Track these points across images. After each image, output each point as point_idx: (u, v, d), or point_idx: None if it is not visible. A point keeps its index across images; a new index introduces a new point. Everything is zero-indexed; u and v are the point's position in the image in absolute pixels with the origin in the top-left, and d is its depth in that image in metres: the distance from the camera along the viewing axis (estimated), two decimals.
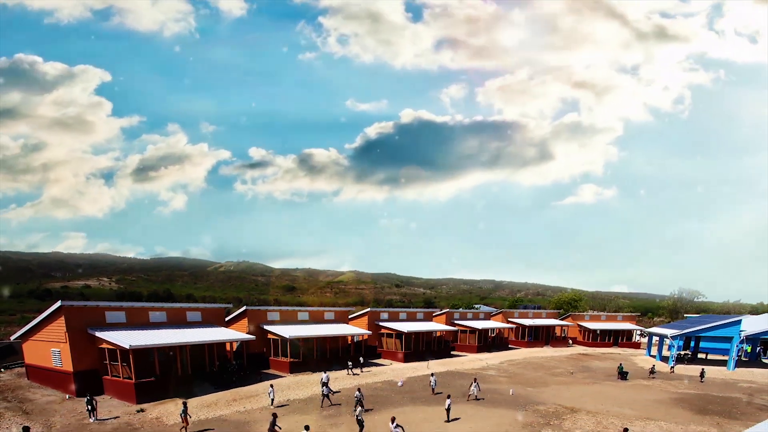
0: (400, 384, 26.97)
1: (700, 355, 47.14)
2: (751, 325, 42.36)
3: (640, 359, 45.85)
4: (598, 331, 58.82)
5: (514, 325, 55.51)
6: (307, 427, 15.05)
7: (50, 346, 24.02)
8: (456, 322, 49.30)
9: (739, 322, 39.67)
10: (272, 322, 33.73)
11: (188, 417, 18.15)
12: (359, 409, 18.37)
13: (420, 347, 40.98)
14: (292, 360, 31.45)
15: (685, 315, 66.99)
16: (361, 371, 32.84)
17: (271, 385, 23.66)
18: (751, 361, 43.54)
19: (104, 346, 23.08)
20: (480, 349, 47.53)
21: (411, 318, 45.33)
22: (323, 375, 24.58)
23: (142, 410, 20.70)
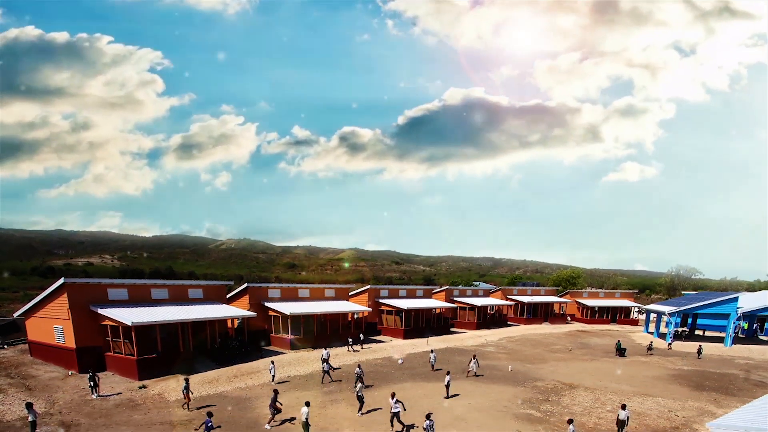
0: (400, 362, 27.21)
1: (698, 332, 47.62)
2: (748, 302, 42.61)
3: (638, 336, 46.28)
4: (596, 308, 59.29)
5: (512, 302, 55.90)
6: (307, 403, 15.10)
7: (53, 323, 24.11)
8: (455, 299, 49.60)
9: (736, 299, 39.83)
10: (273, 299, 33.86)
11: (190, 393, 18.28)
12: (359, 385, 18.46)
13: (420, 324, 41.29)
14: (293, 336, 31.67)
15: (682, 292, 67.42)
16: (362, 348, 33.13)
17: (272, 362, 23.84)
18: (747, 337, 43.91)
19: (106, 322, 23.13)
20: (479, 326, 47.97)
21: (411, 295, 45.56)
22: (324, 351, 24.75)
23: (144, 386, 20.84)
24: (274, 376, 22.83)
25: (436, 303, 44.69)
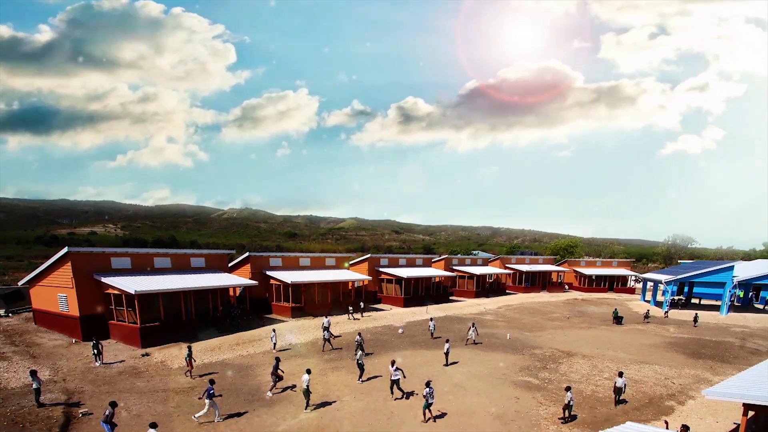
0: (400, 331, 27.49)
1: (694, 300, 48.11)
2: (744, 270, 42.89)
3: (635, 304, 46.77)
4: (594, 277, 59.78)
5: (511, 271, 56.28)
6: (308, 371, 15.24)
7: (57, 292, 24.25)
8: (454, 267, 49.87)
9: (731, 267, 40.00)
10: (274, 268, 33.97)
11: (193, 361, 18.51)
12: (360, 353, 18.62)
13: (419, 292, 41.66)
14: (294, 305, 31.96)
15: (678, 261, 67.82)
16: (362, 316, 33.50)
17: (274, 330, 24.06)
18: (743, 306, 44.40)
19: (110, 291, 23.24)
20: (478, 295, 48.47)
21: (410, 264, 45.75)
22: (324, 320, 24.97)
23: (147, 354, 21.10)
24: (275, 344, 23.10)
25: (435, 272, 44.93)
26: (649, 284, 49.61)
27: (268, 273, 32.81)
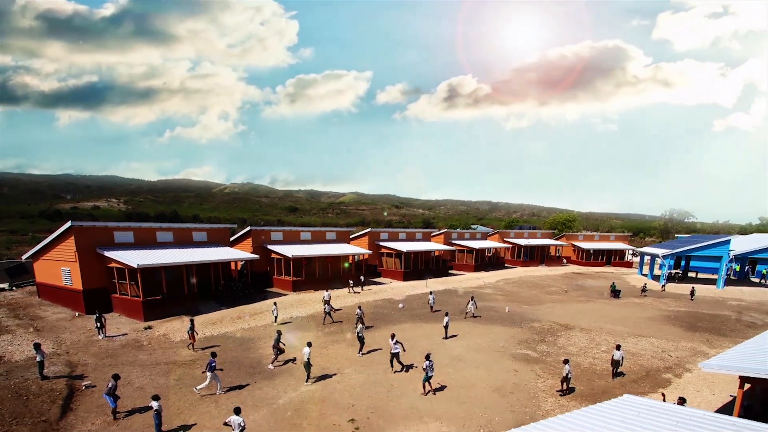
0: (401, 306, 27.67)
1: (691, 274, 48.52)
2: (740, 244, 43.07)
3: (632, 278, 47.16)
4: (592, 251, 60.03)
5: (510, 245, 56.45)
6: (309, 344, 15.37)
7: (60, 266, 24.32)
8: (454, 241, 49.98)
9: (728, 241, 40.12)
10: (276, 242, 33.98)
11: (195, 334, 18.68)
12: (360, 326, 18.76)
13: (419, 266, 41.86)
14: (294, 278, 32.12)
15: (675, 235, 68.02)
16: (362, 290, 33.74)
17: (275, 303, 24.25)
18: (739, 279, 44.77)
19: (113, 265, 23.30)
20: (477, 268, 48.75)
21: (410, 238, 45.81)
22: (325, 293, 25.12)
23: (149, 327, 21.29)
24: (276, 318, 23.31)
25: (434, 246, 45.03)
26: (647, 258, 49.87)
27: (270, 247, 32.83)
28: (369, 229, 43.41)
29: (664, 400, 12.10)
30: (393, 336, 16.68)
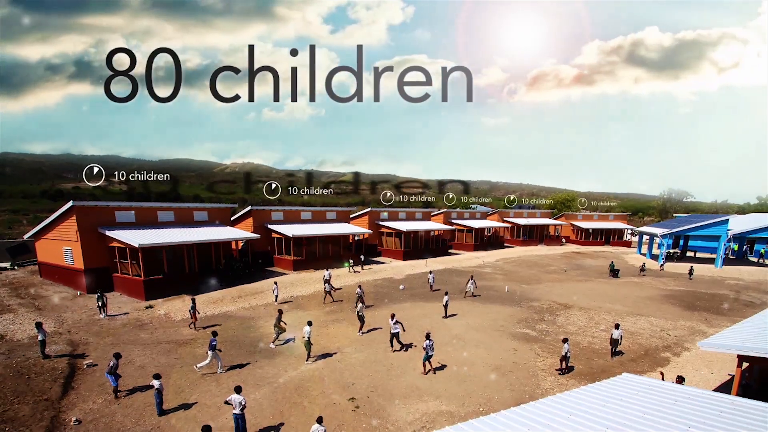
0: (401, 287, 27.65)
1: (689, 254, 48.58)
2: (738, 224, 43.11)
3: (631, 257, 47.27)
4: (591, 230, 60.07)
5: (509, 225, 56.45)
6: (310, 323, 15.42)
7: (62, 245, 24.34)
8: (453, 221, 49.95)
9: (726, 221, 40.06)
10: (276, 222, 33.91)
11: (197, 313, 18.77)
12: (360, 305, 18.83)
13: (419, 246, 41.91)
14: (295, 258, 32.17)
15: (674, 215, 67.97)
16: (362, 269, 33.83)
17: (275, 283, 24.30)
18: (737, 259, 44.84)
19: (114, 244, 23.30)
20: (476, 248, 48.84)
21: (410, 218, 45.74)
22: (325, 272, 25.16)
23: (150, 306, 21.38)
24: (277, 297, 23.39)
25: (434, 225, 44.99)
26: (645, 238, 49.88)
27: (270, 226, 32.77)
28: (369, 209, 43.27)
29: (662, 379, 12.19)
30: (393, 316, 16.73)
